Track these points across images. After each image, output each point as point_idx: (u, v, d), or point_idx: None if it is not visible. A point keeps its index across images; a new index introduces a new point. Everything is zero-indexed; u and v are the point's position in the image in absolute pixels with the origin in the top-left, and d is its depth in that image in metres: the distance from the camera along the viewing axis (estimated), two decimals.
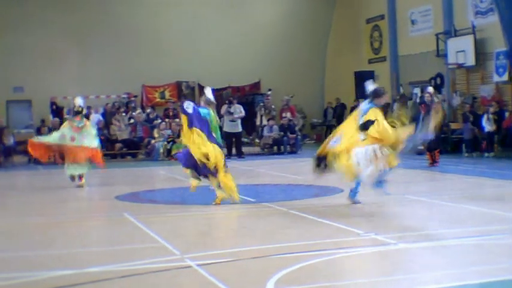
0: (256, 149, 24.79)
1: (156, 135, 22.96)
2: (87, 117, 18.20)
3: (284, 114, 24.55)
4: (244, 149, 23.32)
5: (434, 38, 23.75)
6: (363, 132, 10.29)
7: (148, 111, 25.49)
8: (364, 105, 10.64)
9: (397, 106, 23.96)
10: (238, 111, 22.83)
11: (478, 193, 12.26)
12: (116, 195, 12.78)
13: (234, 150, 22.53)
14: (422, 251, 7.44)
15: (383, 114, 10.50)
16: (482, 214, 9.60)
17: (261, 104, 25.60)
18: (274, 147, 24.17)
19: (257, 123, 25.38)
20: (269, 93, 26.30)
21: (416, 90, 24.58)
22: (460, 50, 22.23)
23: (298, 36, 29.95)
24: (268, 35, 29.70)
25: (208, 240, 8.64)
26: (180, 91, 28.09)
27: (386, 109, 15.47)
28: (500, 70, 21.18)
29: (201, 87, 25.43)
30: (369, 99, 10.61)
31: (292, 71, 29.58)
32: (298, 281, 6.17)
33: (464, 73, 23.04)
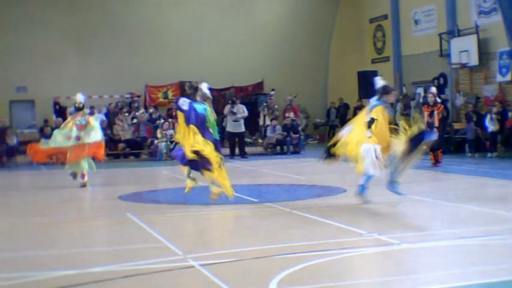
0: (259, 149, 24.78)
1: (159, 135, 22.95)
2: (91, 113, 18.14)
3: (287, 114, 24.51)
4: (247, 149, 23.30)
5: (438, 37, 23.73)
6: (368, 129, 10.32)
7: (151, 111, 25.47)
8: (372, 101, 10.63)
9: (400, 106, 23.98)
10: (241, 111, 22.81)
11: (481, 193, 12.24)
12: (119, 195, 12.78)
13: (237, 150, 22.52)
14: (425, 251, 7.44)
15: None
16: (485, 214, 9.59)
17: (264, 104, 25.57)
18: (277, 147, 24.16)
19: (260, 123, 25.37)
20: (272, 93, 26.31)
21: (419, 90, 24.55)
22: (464, 49, 22.22)
23: (301, 36, 29.89)
24: (272, 35, 29.66)
25: (211, 240, 8.65)
26: (183, 91, 27.90)
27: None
28: (504, 70, 21.15)
29: None
30: (378, 96, 10.59)
31: (295, 71, 29.54)
32: (301, 281, 6.16)
33: (467, 73, 23.01)
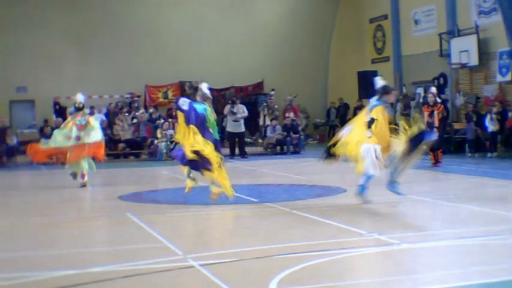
0: (259, 149, 24.78)
1: (159, 135, 22.95)
2: (91, 113, 18.14)
3: (287, 114, 24.51)
4: (247, 149, 23.30)
5: (438, 37, 23.73)
6: (368, 129, 10.32)
7: (151, 111, 25.47)
8: (372, 101, 10.62)
9: (400, 106, 23.97)
10: (241, 111, 22.81)
11: (481, 193, 12.24)
12: (119, 195, 12.77)
13: (237, 150, 22.52)
14: (425, 251, 7.44)
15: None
16: (485, 214, 9.58)
17: (264, 104, 25.57)
18: (277, 147, 24.16)
19: (260, 123, 25.37)
20: (272, 93, 26.31)
21: (419, 90, 24.55)
22: (463, 49, 22.21)
23: (301, 36, 29.89)
24: (272, 35, 29.65)
25: (211, 240, 8.65)
26: (183, 91, 27.90)
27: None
28: (504, 70, 21.15)
29: None
30: (378, 96, 10.59)
31: (295, 71, 29.53)
32: (301, 281, 6.16)
33: (467, 73, 23.01)
